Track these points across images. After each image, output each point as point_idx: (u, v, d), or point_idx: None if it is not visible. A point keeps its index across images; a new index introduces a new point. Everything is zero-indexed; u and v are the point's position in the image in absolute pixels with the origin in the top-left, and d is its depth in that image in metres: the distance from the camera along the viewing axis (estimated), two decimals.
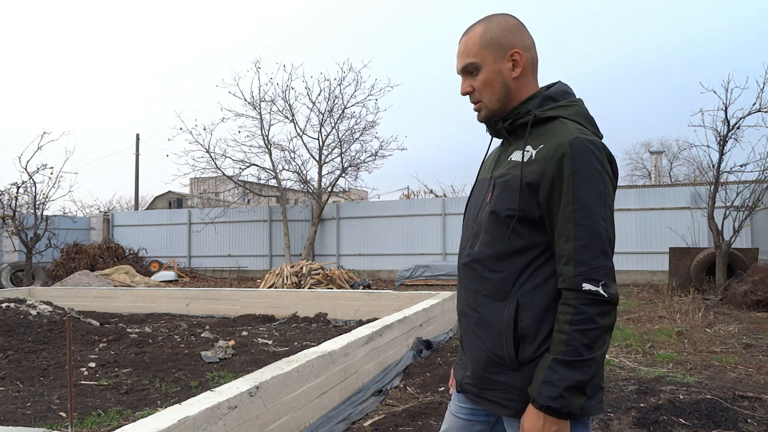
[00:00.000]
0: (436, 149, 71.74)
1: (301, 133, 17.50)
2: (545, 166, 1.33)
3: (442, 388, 4.36)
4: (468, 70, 1.47)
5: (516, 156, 1.42)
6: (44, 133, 13.64)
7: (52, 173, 14.34)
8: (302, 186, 17.88)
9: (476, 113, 1.51)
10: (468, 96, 1.50)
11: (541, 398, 1.26)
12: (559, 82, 1.51)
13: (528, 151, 1.38)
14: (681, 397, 3.93)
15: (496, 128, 1.51)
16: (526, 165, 1.36)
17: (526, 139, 1.40)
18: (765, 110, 9.79)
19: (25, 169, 13.92)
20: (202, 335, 6.64)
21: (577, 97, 1.49)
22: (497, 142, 1.65)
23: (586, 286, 1.26)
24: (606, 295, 1.26)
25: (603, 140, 1.41)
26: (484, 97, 1.46)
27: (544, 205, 1.34)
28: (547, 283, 1.35)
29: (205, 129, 17.62)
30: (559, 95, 1.46)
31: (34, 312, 7.01)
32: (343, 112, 17.26)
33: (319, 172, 17.63)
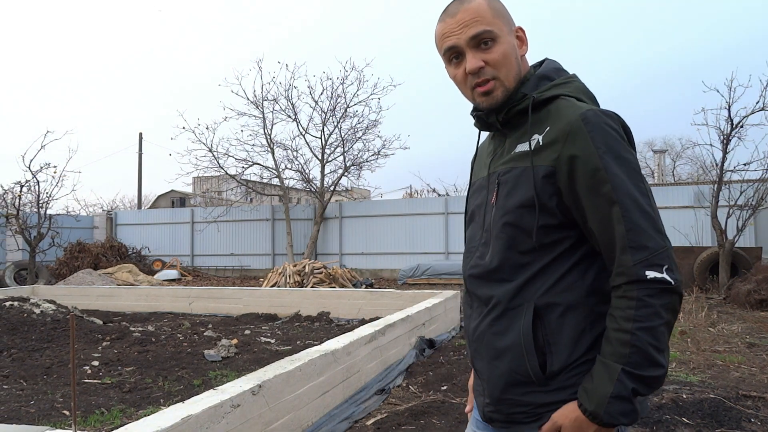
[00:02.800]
0: (439, 148, 71.81)
1: (303, 132, 17.52)
2: (558, 149, 1.16)
3: (445, 387, 4.36)
4: (481, 41, 1.22)
5: (520, 147, 1.24)
6: (48, 131, 13.68)
7: (55, 172, 14.39)
8: (305, 185, 17.90)
9: (484, 97, 1.25)
10: (474, 75, 1.24)
11: (610, 416, 1.06)
12: (546, 59, 1.34)
13: (534, 139, 1.21)
14: (684, 396, 3.92)
15: (488, 121, 1.30)
16: (536, 154, 1.19)
17: (529, 126, 1.22)
18: None
19: (29, 168, 13.96)
20: (204, 334, 6.65)
21: (571, 72, 1.32)
22: (484, 138, 1.48)
23: (651, 274, 1.06)
24: (673, 282, 1.06)
25: None
26: (501, 73, 1.23)
27: (567, 192, 1.16)
28: (568, 279, 1.18)
29: (207, 128, 17.60)
30: (553, 73, 1.29)
31: (37, 310, 7.03)
32: (345, 111, 17.26)
33: (322, 171, 17.64)
